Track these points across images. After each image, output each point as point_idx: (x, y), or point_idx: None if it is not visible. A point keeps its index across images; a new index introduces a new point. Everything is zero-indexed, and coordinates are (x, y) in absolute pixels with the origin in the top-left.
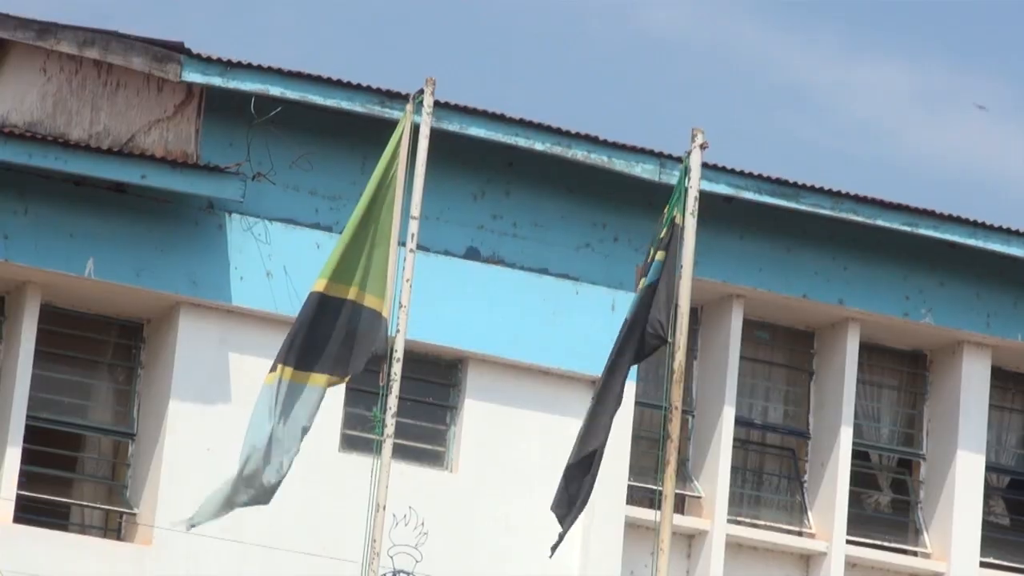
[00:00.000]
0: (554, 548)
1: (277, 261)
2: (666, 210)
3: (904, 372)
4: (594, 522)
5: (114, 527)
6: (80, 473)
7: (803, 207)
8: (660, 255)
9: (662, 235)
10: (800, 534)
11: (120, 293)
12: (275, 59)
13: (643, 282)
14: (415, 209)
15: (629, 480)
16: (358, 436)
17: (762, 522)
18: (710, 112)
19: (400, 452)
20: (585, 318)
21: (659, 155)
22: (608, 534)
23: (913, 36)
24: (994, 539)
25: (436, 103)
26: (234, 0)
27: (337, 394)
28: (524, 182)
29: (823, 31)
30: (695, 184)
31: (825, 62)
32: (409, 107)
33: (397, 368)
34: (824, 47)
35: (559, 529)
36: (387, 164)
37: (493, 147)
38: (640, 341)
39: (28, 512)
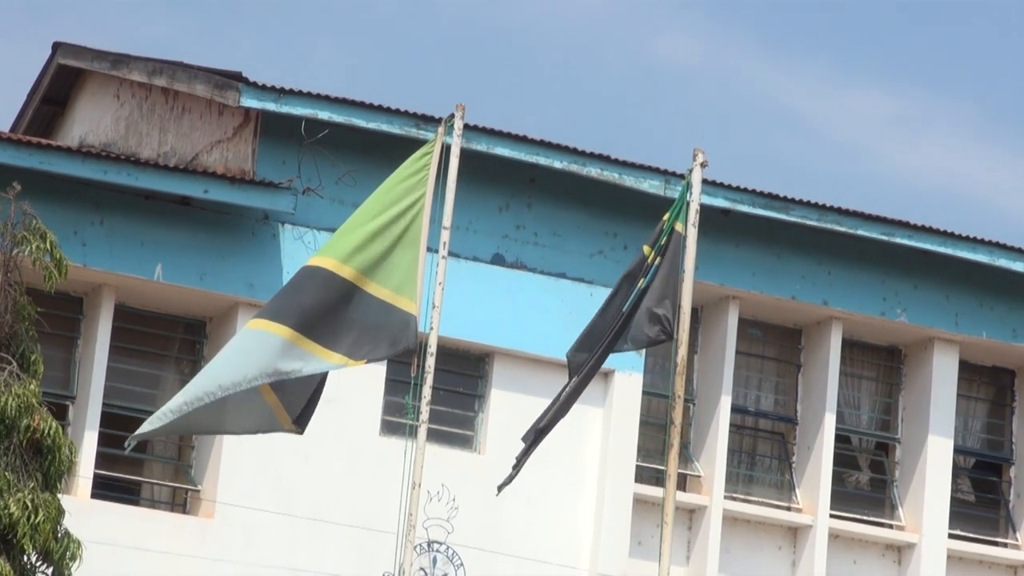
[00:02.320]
0: (502, 487)
1: None
2: (665, 218)
3: (881, 365)
4: (606, 498)
5: (180, 502)
6: (150, 454)
7: (792, 218)
8: (658, 260)
9: (662, 242)
10: (789, 509)
11: (185, 294)
12: (319, 85)
13: (642, 283)
14: (447, 220)
15: (637, 461)
16: (396, 422)
17: (755, 498)
18: (710, 133)
19: (434, 436)
20: None
21: (664, 172)
22: (618, 509)
23: (891, 65)
24: (961, 514)
25: (466, 126)
26: (280, 31)
27: (377, 385)
28: (544, 196)
29: (813, 63)
30: (696, 198)
31: (814, 90)
32: (441, 129)
33: (431, 361)
34: (813, 77)
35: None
36: (411, 173)
37: (517, 165)
38: (630, 331)
39: (104, 489)
